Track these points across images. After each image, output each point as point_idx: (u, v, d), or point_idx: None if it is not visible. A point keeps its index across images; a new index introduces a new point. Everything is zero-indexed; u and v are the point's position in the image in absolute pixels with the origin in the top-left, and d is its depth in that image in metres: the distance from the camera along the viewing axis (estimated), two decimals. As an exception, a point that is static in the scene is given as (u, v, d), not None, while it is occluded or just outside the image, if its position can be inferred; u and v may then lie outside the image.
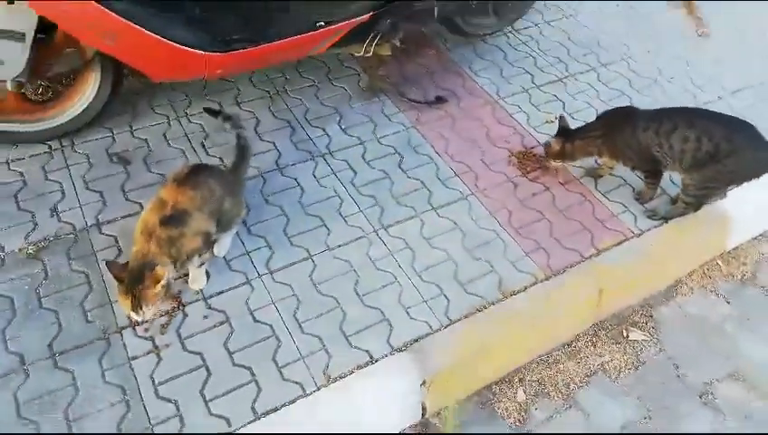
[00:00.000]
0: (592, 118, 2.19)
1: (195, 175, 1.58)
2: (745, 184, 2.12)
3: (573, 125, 2.09)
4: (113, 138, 2.07)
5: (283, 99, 2.30)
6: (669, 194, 2.09)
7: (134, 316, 1.44)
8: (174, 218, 1.48)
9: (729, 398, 1.78)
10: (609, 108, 2.20)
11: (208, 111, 1.96)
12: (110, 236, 1.78)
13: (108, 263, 1.47)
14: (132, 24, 1.61)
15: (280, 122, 2.20)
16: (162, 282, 1.41)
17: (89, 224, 1.80)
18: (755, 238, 2.22)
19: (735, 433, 1.68)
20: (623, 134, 1.92)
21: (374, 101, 2.34)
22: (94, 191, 1.89)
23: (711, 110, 2.02)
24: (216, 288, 1.69)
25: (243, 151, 1.81)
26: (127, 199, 1.88)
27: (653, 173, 1.98)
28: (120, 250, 1.74)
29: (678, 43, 2.84)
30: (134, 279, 1.40)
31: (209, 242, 1.59)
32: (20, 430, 1.38)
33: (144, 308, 1.41)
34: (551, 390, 1.74)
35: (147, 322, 1.58)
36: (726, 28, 2.96)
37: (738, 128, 1.88)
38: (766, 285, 2.08)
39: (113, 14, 1.57)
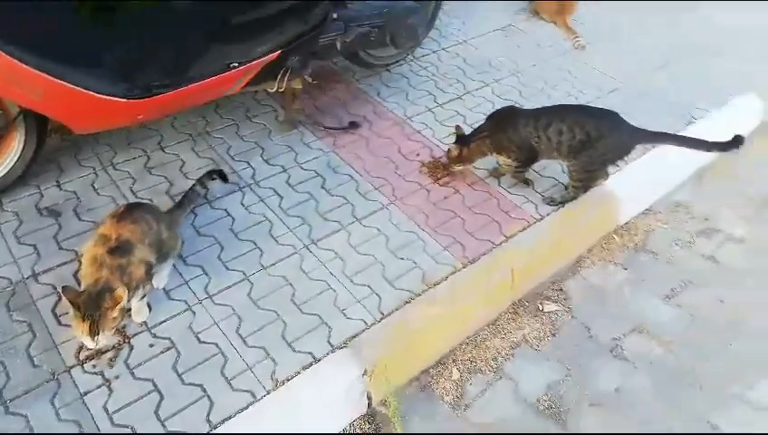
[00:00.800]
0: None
1: (132, 211, 1.70)
2: (627, 168, 2.46)
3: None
4: (41, 193, 2.13)
5: (205, 139, 2.44)
6: (562, 183, 2.37)
7: (89, 343, 1.50)
8: (120, 248, 1.58)
9: (635, 349, 2.02)
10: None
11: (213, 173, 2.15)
12: (48, 284, 1.84)
13: (63, 288, 1.52)
14: (57, 80, 1.72)
15: (204, 161, 2.33)
16: (121, 304, 1.49)
17: (25, 276, 1.85)
18: (643, 213, 2.52)
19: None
20: (507, 131, 2.19)
21: (293, 133, 2.52)
22: (27, 245, 1.95)
23: (581, 104, 2.32)
24: (158, 318, 1.78)
25: (188, 199, 2.00)
26: (61, 249, 1.95)
27: (527, 162, 2.25)
28: (59, 295, 1.80)
29: (560, 57, 3.21)
30: (92, 303, 1.48)
31: (150, 272, 1.69)
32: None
33: (101, 333, 1.48)
34: (482, 365, 1.92)
35: (95, 356, 1.64)
36: (600, 40, 3.36)
37: (604, 116, 2.19)
38: (655, 251, 2.37)
39: (40, 72, 1.68)
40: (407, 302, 1.89)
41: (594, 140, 2.11)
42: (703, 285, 2.25)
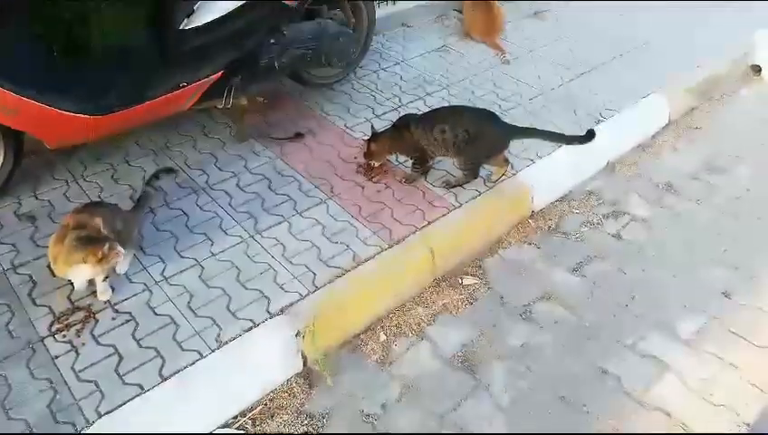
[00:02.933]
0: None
1: (89, 206, 2.02)
2: (541, 161, 2.81)
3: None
4: (19, 202, 2.44)
5: (165, 154, 2.76)
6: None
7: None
8: (78, 228, 1.89)
9: (542, 312, 2.31)
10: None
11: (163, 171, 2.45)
12: (26, 274, 2.13)
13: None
14: (30, 100, 2.05)
15: (164, 171, 2.65)
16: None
17: (5, 268, 2.14)
18: (557, 200, 2.85)
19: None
20: (402, 133, 2.56)
21: (245, 145, 2.85)
22: (7, 244, 2.24)
23: (463, 105, 2.68)
24: (120, 297, 2.07)
25: (143, 199, 2.32)
26: (37, 246, 2.24)
27: (420, 161, 2.61)
28: (34, 283, 2.09)
29: (487, 72, 3.59)
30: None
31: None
32: (-38, 426, 1.68)
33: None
34: (406, 329, 2.21)
35: (65, 328, 1.93)
36: (526, 55, 3.76)
37: (481, 115, 2.58)
38: (567, 232, 2.69)
39: (13, 93, 2.01)
40: (338, 276, 2.19)
41: (473, 137, 2.46)
42: (607, 258, 2.56)
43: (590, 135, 2.61)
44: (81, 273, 1.89)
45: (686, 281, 2.44)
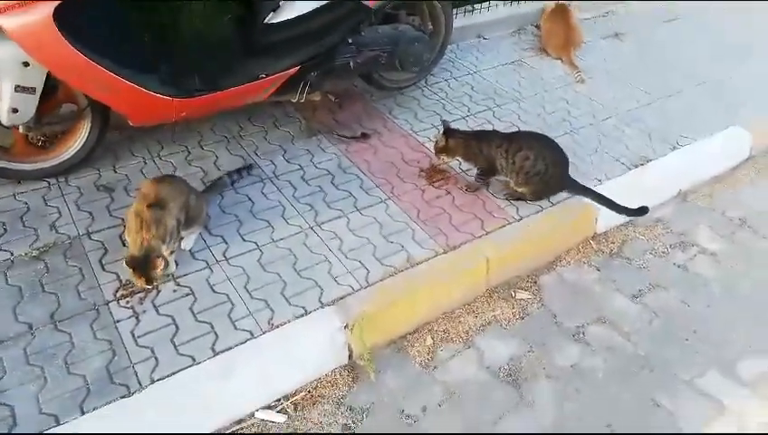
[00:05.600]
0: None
1: (169, 178, 2.12)
2: (609, 182, 2.74)
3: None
4: (99, 174, 2.58)
5: (237, 141, 2.87)
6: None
7: (148, 287, 2.00)
8: (157, 204, 1.98)
9: (596, 335, 2.24)
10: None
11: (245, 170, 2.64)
12: (98, 241, 2.25)
13: (125, 261, 1.97)
14: (122, 78, 2.18)
15: (235, 157, 2.75)
16: (161, 265, 1.95)
17: (80, 233, 2.27)
18: (622, 225, 2.76)
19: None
20: (482, 146, 2.56)
21: (313, 140, 2.92)
22: (85, 211, 2.38)
23: (553, 140, 2.64)
24: (182, 272, 2.15)
25: (217, 185, 2.48)
26: (111, 216, 2.37)
27: (486, 173, 2.60)
28: (106, 250, 2.21)
29: (561, 89, 3.53)
30: (144, 264, 1.93)
31: (178, 229, 2.07)
32: (28, 373, 1.79)
33: (155, 280, 1.97)
34: (453, 336, 2.20)
35: (129, 295, 2.03)
36: (602, 75, 3.68)
37: (562, 158, 2.57)
38: (630, 257, 2.60)
39: (108, 71, 2.15)
40: (390, 275, 2.21)
41: (548, 174, 2.48)
42: (670, 289, 2.46)
43: (642, 211, 2.56)
44: None
45: (753, 321, 2.31)
